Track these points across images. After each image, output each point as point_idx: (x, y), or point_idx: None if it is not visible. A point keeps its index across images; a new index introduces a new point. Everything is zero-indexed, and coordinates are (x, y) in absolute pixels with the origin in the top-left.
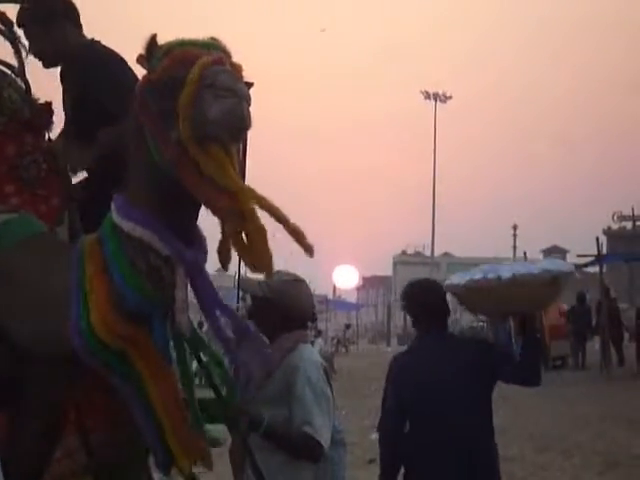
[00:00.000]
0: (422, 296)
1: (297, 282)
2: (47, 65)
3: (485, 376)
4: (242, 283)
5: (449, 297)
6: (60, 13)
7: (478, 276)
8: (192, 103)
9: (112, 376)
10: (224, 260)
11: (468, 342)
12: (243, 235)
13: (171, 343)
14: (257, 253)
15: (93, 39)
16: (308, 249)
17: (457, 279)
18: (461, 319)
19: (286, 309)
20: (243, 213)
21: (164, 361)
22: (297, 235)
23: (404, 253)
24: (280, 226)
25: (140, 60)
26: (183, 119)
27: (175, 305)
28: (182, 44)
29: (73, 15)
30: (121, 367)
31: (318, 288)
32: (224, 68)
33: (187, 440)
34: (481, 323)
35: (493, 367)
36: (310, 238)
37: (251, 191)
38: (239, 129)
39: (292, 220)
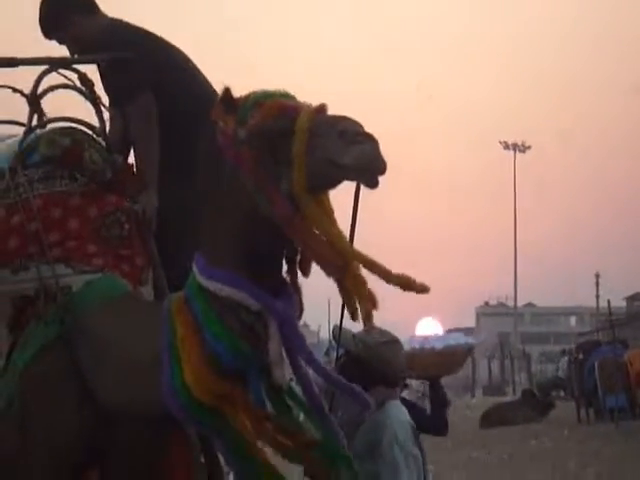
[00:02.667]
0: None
1: (393, 343)
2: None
3: None
4: (337, 335)
5: None
6: (68, 10)
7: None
8: (306, 151)
9: (207, 432)
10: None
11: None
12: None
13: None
14: (361, 300)
15: (112, 20)
16: (422, 289)
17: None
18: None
19: (379, 369)
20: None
21: (261, 418)
22: (406, 282)
23: (487, 304)
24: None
25: (220, 112)
26: (298, 169)
27: (270, 359)
28: (269, 95)
29: (81, 3)
30: (217, 424)
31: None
32: (343, 116)
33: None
34: None
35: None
36: (393, 291)
37: (360, 255)
38: (380, 172)
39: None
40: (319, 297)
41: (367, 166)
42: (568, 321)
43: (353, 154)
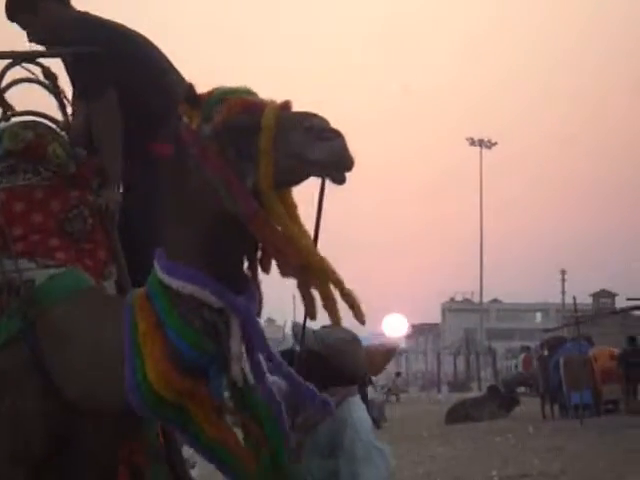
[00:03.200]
0: None
1: (353, 341)
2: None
3: None
4: (297, 332)
5: None
6: None
7: None
8: (273, 147)
9: (169, 426)
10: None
11: None
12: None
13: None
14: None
15: (83, 12)
16: (360, 318)
17: None
18: None
19: (339, 367)
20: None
21: (221, 412)
22: (352, 302)
23: (452, 300)
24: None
25: (185, 108)
26: (264, 165)
27: (230, 356)
28: (233, 92)
29: None
30: (178, 419)
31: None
32: (309, 112)
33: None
34: None
35: None
36: (358, 286)
37: (318, 257)
38: (348, 168)
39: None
40: (286, 292)
41: (337, 162)
42: (534, 317)
43: (323, 150)
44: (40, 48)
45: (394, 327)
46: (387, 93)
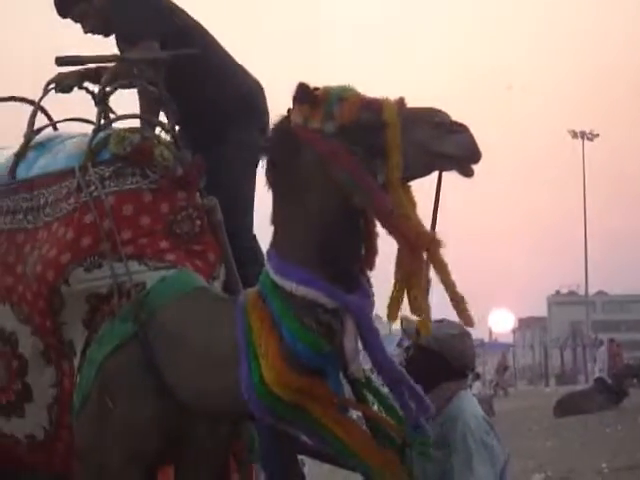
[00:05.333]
0: None
1: (463, 335)
2: (106, 35)
3: None
4: (407, 327)
5: None
6: None
7: None
8: (400, 144)
9: (288, 427)
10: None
11: None
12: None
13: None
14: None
15: None
16: (468, 321)
17: None
18: None
19: (449, 361)
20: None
21: (343, 407)
22: (459, 304)
23: (558, 293)
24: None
25: (302, 108)
26: (394, 160)
27: (346, 355)
28: (348, 90)
29: None
30: (298, 418)
31: (474, 332)
32: (432, 107)
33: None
34: None
35: None
36: (464, 282)
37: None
38: (477, 160)
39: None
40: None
41: (468, 155)
42: None
43: (454, 143)
44: (98, 37)
45: (500, 322)
46: (492, 91)
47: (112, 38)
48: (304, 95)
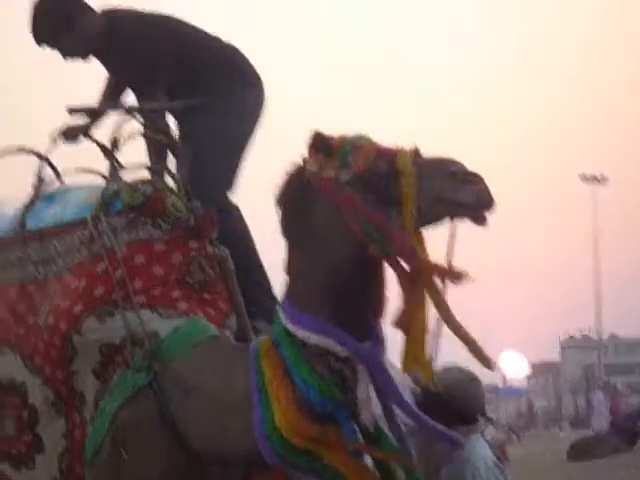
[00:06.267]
0: None
1: (472, 382)
2: (84, 59)
3: None
4: (415, 376)
5: None
6: (71, 13)
7: None
8: (414, 193)
9: (300, 474)
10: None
11: None
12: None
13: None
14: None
15: (106, 12)
16: (487, 364)
17: None
18: None
19: (459, 408)
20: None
21: (357, 456)
22: (475, 349)
23: (571, 337)
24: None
25: (316, 155)
26: (409, 207)
27: (358, 402)
28: (362, 138)
29: (78, 5)
30: (310, 465)
31: (487, 377)
32: (446, 157)
33: None
34: None
35: None
36: (475, 324)
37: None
38: (492, 209)
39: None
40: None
41: (483, 204)
42: None
43: (470, 193)
44: (78, 63)
45: (514, 367)
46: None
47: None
48: (319, 144)
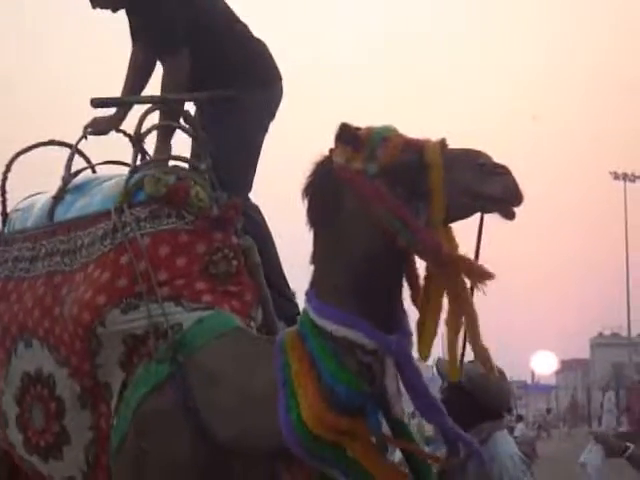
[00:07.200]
0: None
1: (498, 377)
2: (114, 10)
3: None
4: (440, 367)
5: None
6: None
7: None
8: (442, 186)
9: (325, 467)
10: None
11: None
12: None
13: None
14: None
15: None
16: (491, 371)
17: None
18: None
19: (484, 402)
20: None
21: (382, 448)
22: (483, 357)
23: (601, 335)
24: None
25: (344, 149)
26: (437, 200)
27: (388, 395)
28: (390, 130)
29: None
30: (335, 457)
31: (516, 374)
32: (473, 149)
33: None
34: None
35: None
36: (507, 325)
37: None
38: (520, 202)
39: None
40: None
41: (511, 196)
42: None
43: (498, 185)
44: (109, 14)
45: (543, 364)
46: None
47: (120, 13)
48: (347, 136)
